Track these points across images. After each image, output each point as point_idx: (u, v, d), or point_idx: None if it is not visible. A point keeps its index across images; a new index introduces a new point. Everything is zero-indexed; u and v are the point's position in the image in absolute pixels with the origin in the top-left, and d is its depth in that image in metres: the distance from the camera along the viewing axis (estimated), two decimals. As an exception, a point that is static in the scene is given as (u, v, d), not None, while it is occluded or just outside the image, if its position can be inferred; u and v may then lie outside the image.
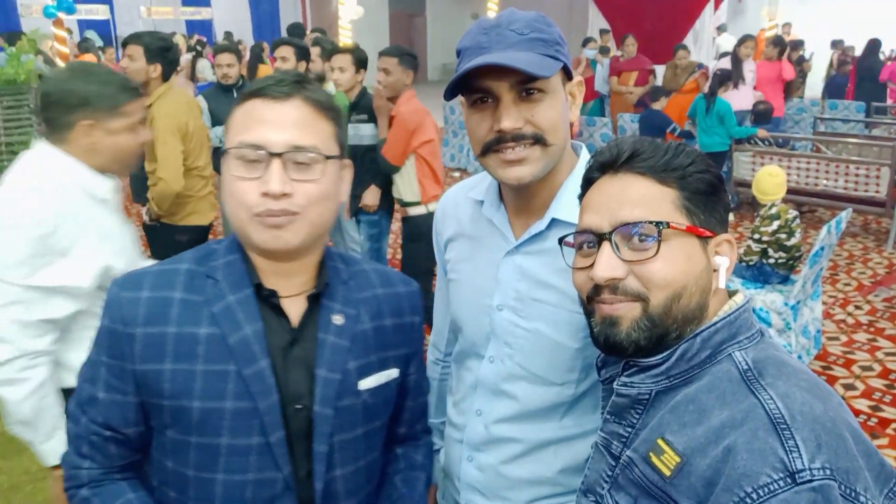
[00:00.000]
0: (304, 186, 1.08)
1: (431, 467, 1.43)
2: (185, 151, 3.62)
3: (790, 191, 6.72)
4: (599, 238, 0.98)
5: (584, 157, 1.30)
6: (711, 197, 1.00)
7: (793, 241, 4.06)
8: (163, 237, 3.73)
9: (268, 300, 1.14)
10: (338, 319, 1.18)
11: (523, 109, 1.15)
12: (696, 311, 0.98)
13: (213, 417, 1.10)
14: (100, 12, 14.50)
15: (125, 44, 3.68)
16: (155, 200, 3.63)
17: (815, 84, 13.44)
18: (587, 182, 1.06)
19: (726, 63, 8.19)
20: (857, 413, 3.77)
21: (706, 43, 11.84)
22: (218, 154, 4.61)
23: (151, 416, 1.14)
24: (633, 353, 0.98)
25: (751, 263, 4.21)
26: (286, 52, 4.87)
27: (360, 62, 4.38)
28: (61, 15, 9.71)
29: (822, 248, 3.84)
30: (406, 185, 4.10)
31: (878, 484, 0.87)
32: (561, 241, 1.08)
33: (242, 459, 1.11)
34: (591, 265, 0.99)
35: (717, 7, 12.29)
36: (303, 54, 4.98)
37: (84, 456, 1.17)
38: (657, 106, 7.59)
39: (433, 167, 4.11)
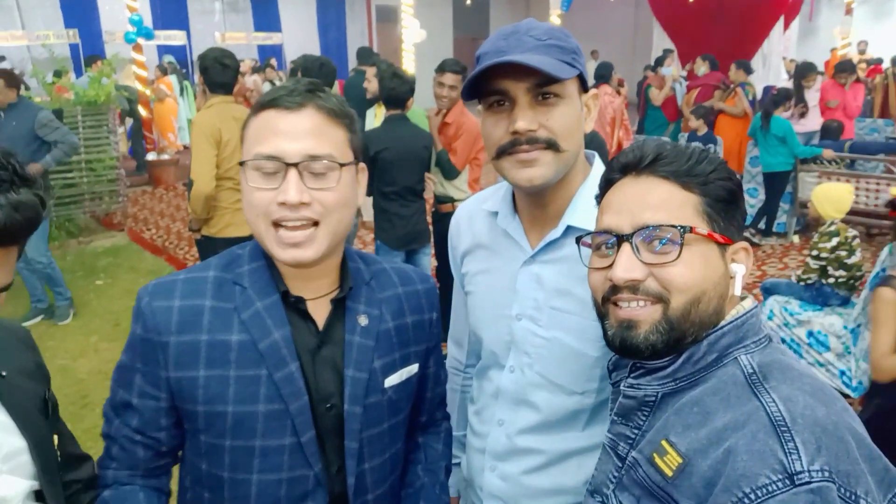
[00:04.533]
0: (322, 194, 1.09)
1: (451, 454, 1.47)
2: (217, 157, 3.80)
3: (859, 213, 6.49)
4: (619, 239, 0.99)
5: (598, 165, 1.31)
6: (731, 205, 1.01)
7: (853, 258, 3.92)
8: (210, 251, 3.90)
9: (294, 305, 1.17)
10: (363, 320, 1.21)
11: (539, 113, 1.16)
12: (713, 317, 0.98)
13: (246, 421, 1.13)
14: (177, 38, 15.17)
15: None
16: (190, 204, 3.83)
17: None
18: (607, 182, 1.07)
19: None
20: (921, 443, 3.59)
21: (775, 65, 11.51)
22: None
23: (185, 420, 1.18)
24: (648, 356, 0.99)
25: (809, 282, 4.08)
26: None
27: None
28: (141, 41, 10.23)
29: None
30: (456, 186, 4.39)
31: (882, 488, 0.86)
32: (578, 240, 1.09)
33: (276, 459, 1.14)
34: (609, 266, 0.99)
35: (786, 27, 11.96)
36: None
37: (112, 458, 1.21)
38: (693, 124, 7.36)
39: (480, 172, 4.49)
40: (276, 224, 1.09)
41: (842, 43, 12.62)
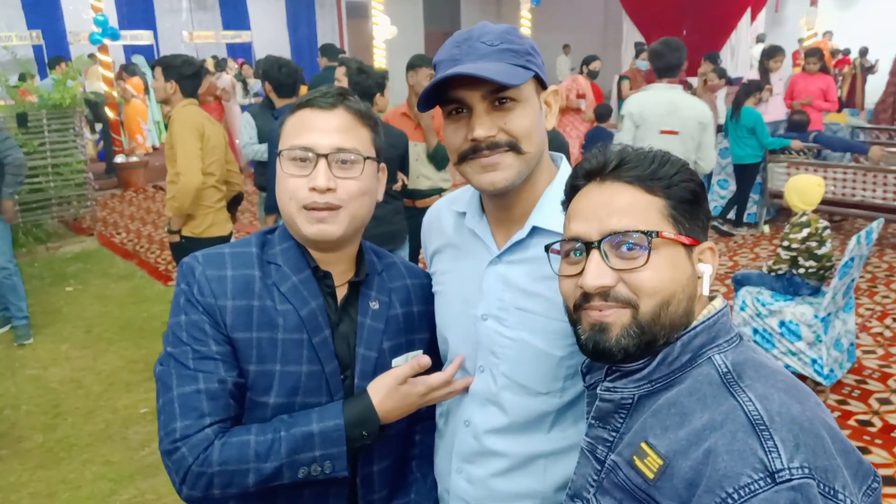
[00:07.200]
0: (346, 183, 1.24)
1: None
2: (202, 149, 3.81)
3: (826, 202, 6.60)
4: (588, 246, 0.99)
5: (565, 167, 1.32)
6: (695, 205, 1.02)
7: (823, 249, 3.98)
8: (190, 252, 3.88)
9: (322, 281, 1.31)
10: (374, 305, 1.35)
11: (496, 118, 1.17)
12: (683, 318, 0.99)
13: (291, 380, 1.25)
14: (144, 38, 14.95)
15: (152, 67, 4.02)
16: (177, 198, 3.77)
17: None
18: (572, 189, 1.07)
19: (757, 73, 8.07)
20: (891, 428, 3.66)
21: (743, 55, 11.65)
22: (261, 167, 4.75)
23: None
24: (621, 360, 0.99)
25: (780, 273, 4.13)
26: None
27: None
28: (106, 41, 10.04)
29: (851, 259, 3.76)
30: (443, 177, 4.65)
31: (857, 481, 0.88)
32: (548, 248, 1.09)
33: None
34: (579, 273, 1.00)
35: (753, 18, 12.09)
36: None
37: (204, 414, 1.18)
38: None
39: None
40: (306, 208, 1.23)
41: (808, 33, 12.78)
